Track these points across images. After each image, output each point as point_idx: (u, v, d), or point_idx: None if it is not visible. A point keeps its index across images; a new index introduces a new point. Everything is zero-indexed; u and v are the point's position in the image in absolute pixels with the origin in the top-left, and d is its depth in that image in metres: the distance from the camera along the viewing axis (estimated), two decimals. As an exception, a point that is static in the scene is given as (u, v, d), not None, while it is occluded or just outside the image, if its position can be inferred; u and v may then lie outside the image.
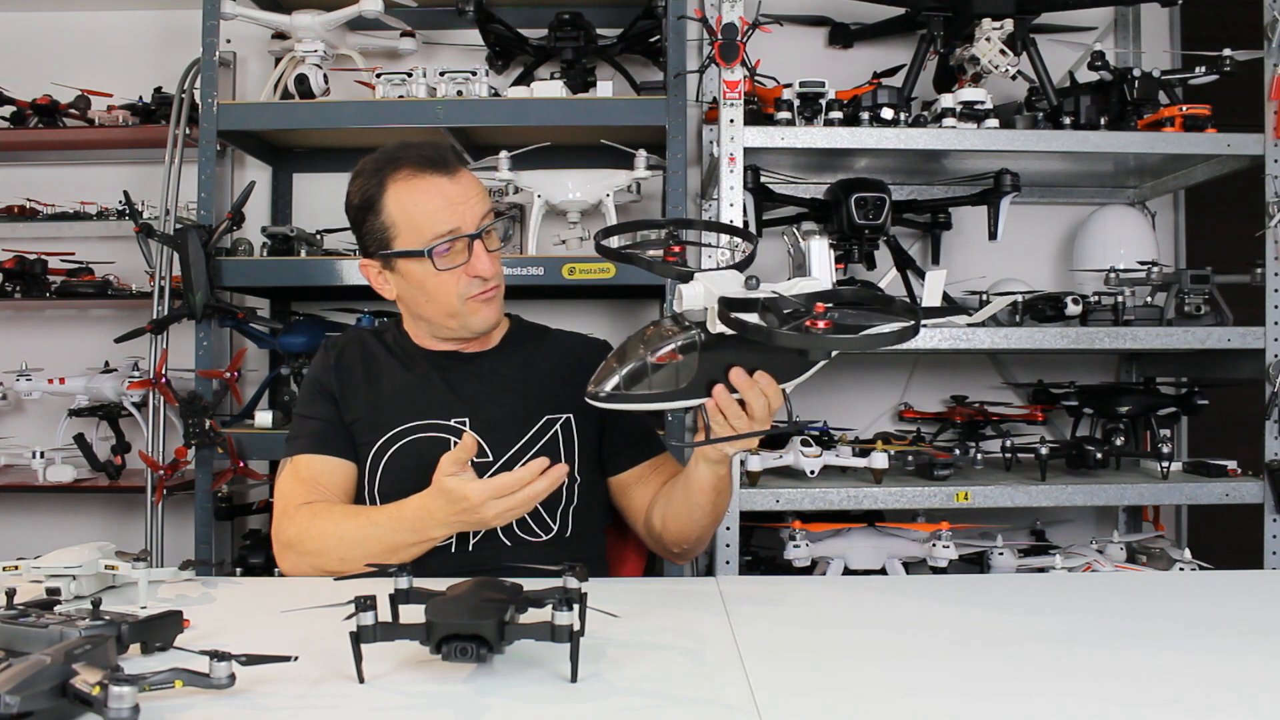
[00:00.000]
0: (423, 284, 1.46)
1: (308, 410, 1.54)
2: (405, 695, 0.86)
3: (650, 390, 1.15)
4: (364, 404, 1.52)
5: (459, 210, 1.43)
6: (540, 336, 1.66)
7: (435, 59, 2.85)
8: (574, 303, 2.82)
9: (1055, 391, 2.63)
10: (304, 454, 1.50)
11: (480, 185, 1.50)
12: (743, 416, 1.19)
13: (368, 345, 1.58)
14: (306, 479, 1.48)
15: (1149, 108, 2.33)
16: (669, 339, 1.14)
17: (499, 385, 1.54)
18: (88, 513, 2.89)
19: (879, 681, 0.91)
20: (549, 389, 1.54)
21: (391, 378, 1.54)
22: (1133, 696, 0.87)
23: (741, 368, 1.16)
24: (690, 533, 1.47)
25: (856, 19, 2.79)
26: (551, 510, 1.49)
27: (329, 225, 2.61)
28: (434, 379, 1.53)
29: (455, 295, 1.46)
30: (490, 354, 1.58)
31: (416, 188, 1.44)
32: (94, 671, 0.73)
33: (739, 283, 1.14)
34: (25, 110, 2.72)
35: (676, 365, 1.14)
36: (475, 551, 1.44)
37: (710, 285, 1.13)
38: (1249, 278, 2.30)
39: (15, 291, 2.71)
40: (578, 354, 1.61)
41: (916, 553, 2.24)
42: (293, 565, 1.42)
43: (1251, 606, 1.22)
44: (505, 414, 1.50)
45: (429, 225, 1.43)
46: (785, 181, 2.53)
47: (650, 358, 1.14)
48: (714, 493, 1.40)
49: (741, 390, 1.17)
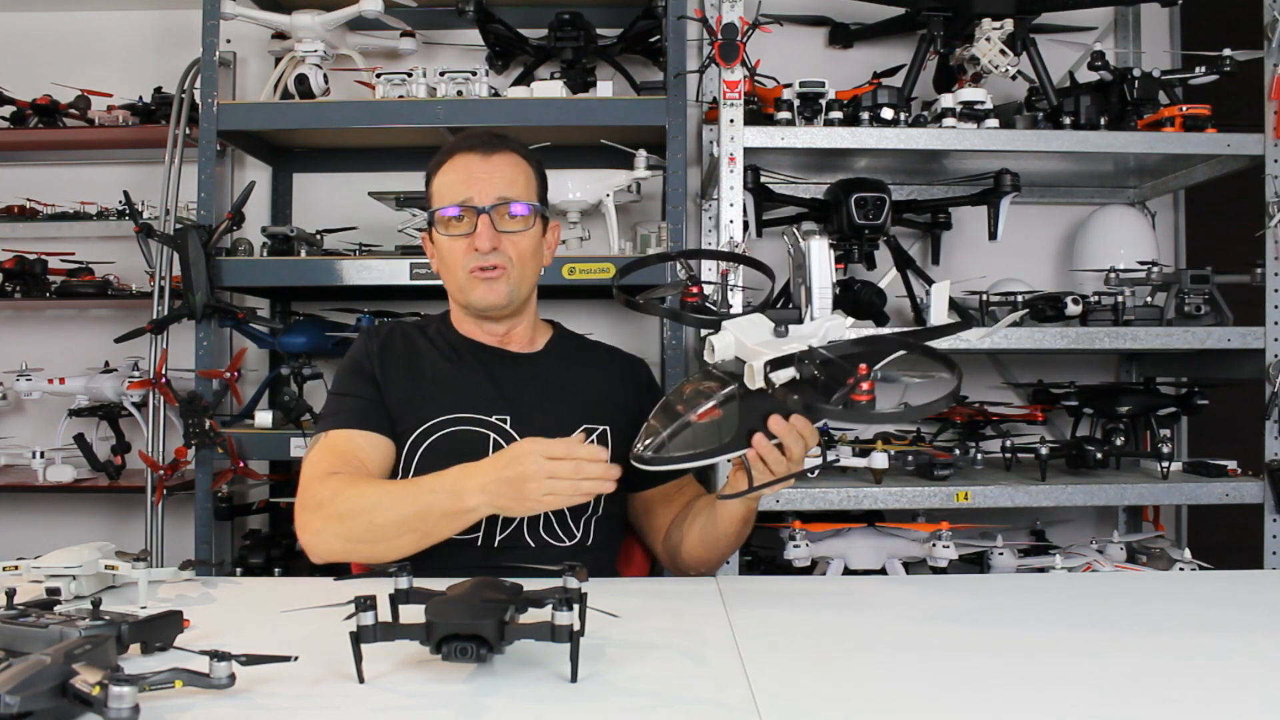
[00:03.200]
0: (441, 251, 1.53)
1: (348, 389, 1.52)
2: (405, 695, 0.86)
3: (696, 450, 1.18)
4: (405, 390, 1.51)
5: (477, 184, 1.49)
6: (583, 347, 1.70)
7: (435, 59, 2.85)
8: (574, 303, 2.81)
9: (1055, 391, 2.63)
10: (341, 429, 1.46)
11: (519, 172, 1.53)
12: (782, 460, 1.22)
13: (410, 336, 1.59)
14: (343, 452, 1.43)
15: (1149, 108, 2.34)
16: (708, 396, 1.17)
17: (541, 387, 1.54)
18: (88, 513, 2.89)
19: (879, 681, 0.92)
20: (589, 399, 1.56)
21: (435, 367, 1.54)
22: (1133, 696, 0.87)
23: (778, 414, 1.19)
24: (713, 558, 1.49)
25: (856, 19, 2.79)
26: (577, 517, 1.49)
27: (329, 225, 2.61)
28: (478, 373, 1.54)
29: (460, 265, 1.51)
30: (534, 357, 1.60)
31: (454, 163, 1.53)
32: (94, 671, 0.73)
33: (768, 329, 1.17)
34: (25, 110, 2.72)
35: (718, 421, 1.17)
36: (500, 550, 1.43)
37: (740, 335, 1.16)
38: (1249, 278, 2.30)
39: (15, 291, 2.71)
40: (619, 368, 1.66)
41: (916, 553, 2.24)
42: (318, 530, 1.35)
43: (1251, 606, 1.22)
44: (545, 417, 1.50)
45: (447, 194, 1.51)
46: (785, 181, 2.53)
47: (692, 417, 1.17)
48: (742, 524, 1.42)
49: (781, 436, 1.20)
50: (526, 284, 1.54)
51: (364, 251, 2.60)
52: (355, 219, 2.66)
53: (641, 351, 2.77)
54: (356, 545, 1.34)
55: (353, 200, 2.70)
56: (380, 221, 2.66)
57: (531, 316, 1.61)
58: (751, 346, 1.15)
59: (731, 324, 1.18)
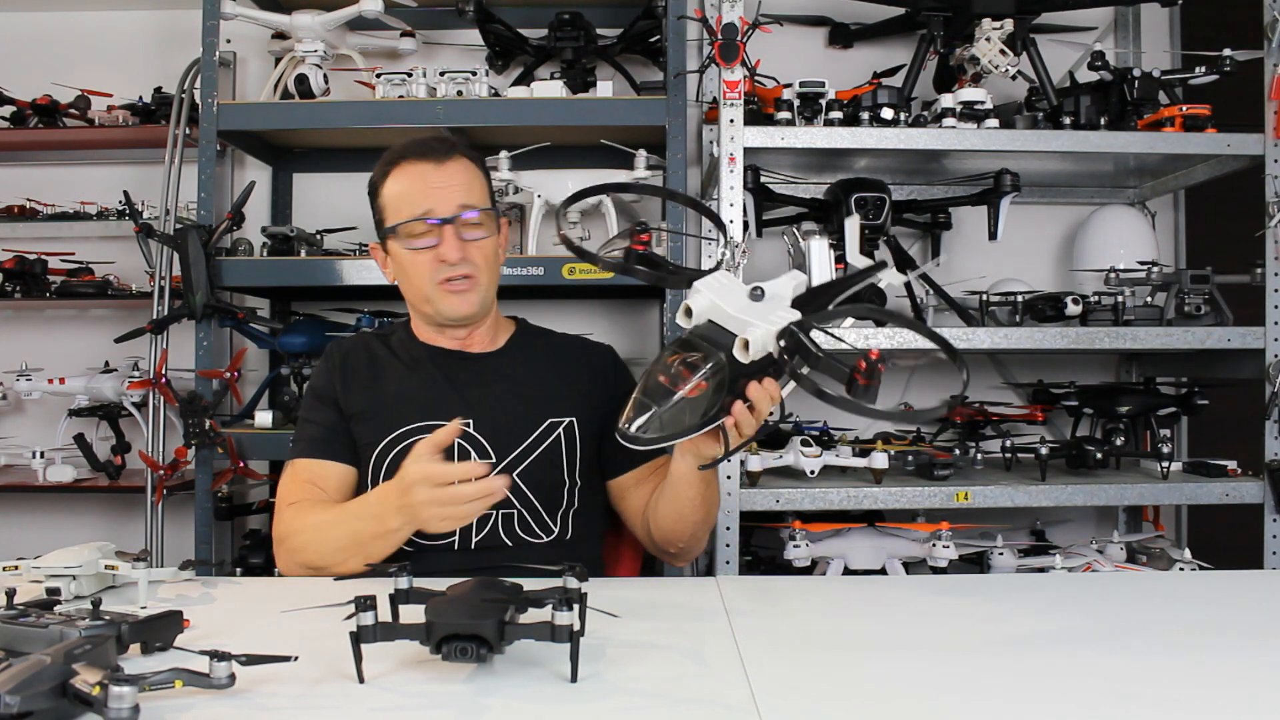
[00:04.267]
0: (402, 264, 1.53)
1: (309, 414, 1.57)
2: (405, 695, 0.86)
3: (685, 425, 1.15)
4: (368, 404, 1.53)
5: (435, 194, 1.49)
6: (545, 339, 1.68)
7: (435, 59, 2.85)
8: (574, 303, 2.82)
9: (1055, 391, 2.63)
10: (303, 458, 1.53)
11: (473, 177, 1.53)
12: (753, 422, 1.21)
13: (372, 348, 1.60)
14: (304, 481, 1.51)
15: (1149, 108, 2.33)
16: (695, 369, 1.14)
17: (503, 387, 1.54)
18: (88, 513, 2.89)
19: (879, 681, 0.91)
20: (553, 392, 1.55)
21: (396, 379, 1.55)
22: (1132, 697, 0.87)
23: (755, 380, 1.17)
24: (683, 530, 1.47)
25: (856, 19, 2.79)
26: (553, 513, 1.50)
27: (329, 225, 2.61)
28: (438, 381, 1.54)
29: (426, 278, 1.50)
30: (495, 355, 1.60)
31: (405, 173, 1.52)
32: (94, 671, 0.73)
33: (742, 292, 1.15)
34: (25, 110, 2.72)
35: (705, 395, 1.15)
36: (477, 552, 1.45)
37: (716, 298, 1.14)
38: (1249, 278, 2.30)
39: (15, 291, 2.71)
40: (582, 357, 1.65)
41: (916, 553, 2.24)
42: (284, 562, 1.45)
43: (1251, 606, 1.22)
44: (509, 417, 1.51)
45: (405, 206, 1.50)
46: (785, 181, 2.53)
47: (683, 391, 1.13)
48: (701, 484, 1.39)
49: (757, 401, 1.18)
50: (493, 288, 1.56)
51: (364, 251, 2.59)
52: (355, 219, 2.65)
53: (642, 349, 2.80)
54: (316, 570, 1.39)
55: (353, 200, 2.68)
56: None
57: (494, 316, 1.62)
58: (734, 314, 1.12)
59: (702, 284, 1.15)
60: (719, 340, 1.14)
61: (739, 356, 1.12)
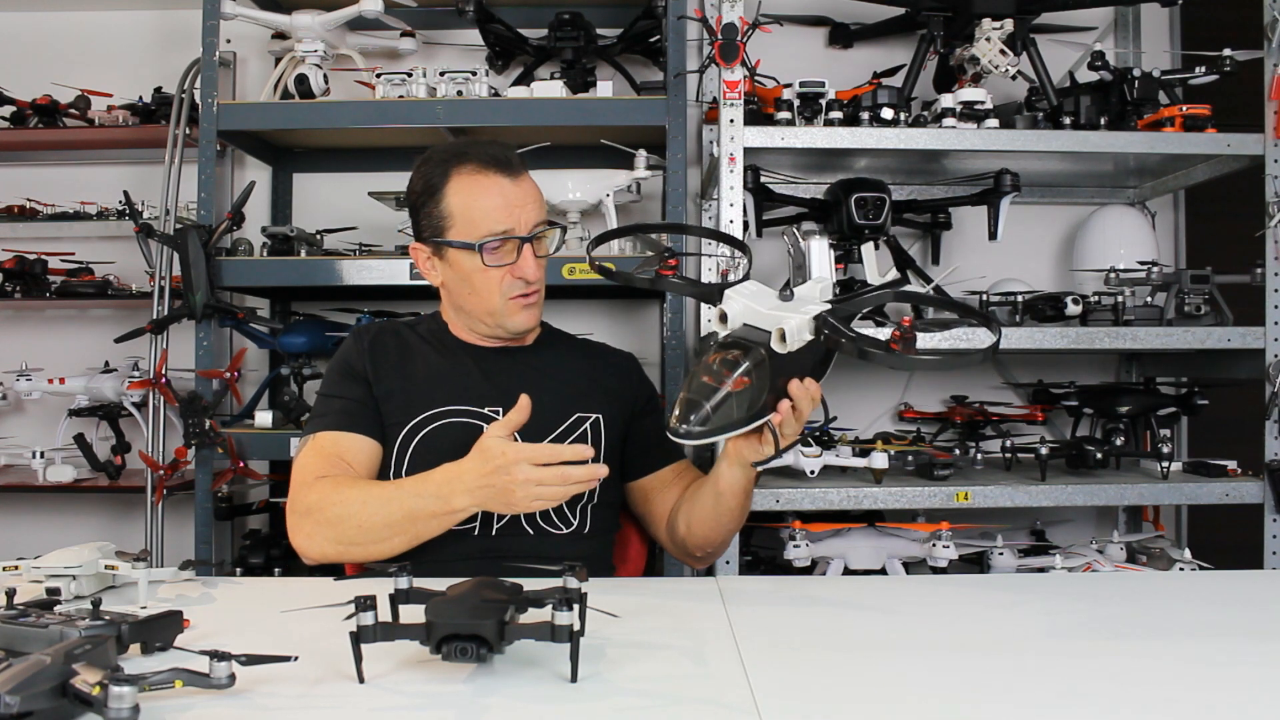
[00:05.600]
0: (469, 277, 1.50)
1: (335, 390, 1.53)
2: (405, 695, 0.86)
3: (732, 419, 1.19)
4: (397, 384, 1.52)
5: (515, 212, 1.48)
6: (571, 340, 1.71)
7: (435, 59, 2.85)
8: (574, 302, 2.82)
9: (1055, 391, 2.63)
10: (329, 431, 1.48)
11: (539, 192, 1.54)
12: (795, 422, 1.25)
13: (401, 333, 1.60)
14: (330, 454, 1.45)
15: (1149, 108, 2.33)
16: (736, 365, 1.18)
17: (534, 378, 1.55)
18: (88, 513, 2.89)
19: (879, 681, 0.91)
20: (581, 388, 1.57)
21: (426, 362, 1.55)
22: (1132, 697, 0.87)
23: (796, 378, 1.22)
24: (718, 536, 1.50)
25: (856, 19, 2.79)
26: (574, 505, 1.50)
27: (329, 225, 2.61)
28: (469, 366, 1.55)
29: (498, 293, 1.50)
30: (525, 350, 1.61)
31: (479, 183, 1.49)
32: (94, 671, 0.73)
33: (771, 295, 1.21)
34: (25, 110, 2.72)
35: (750, 388, 1.18)
36: (498, 537, 1.44)
37: (749, 302, 1.20)
38: (1249, 278, 2.30)
39: (15, 291, 2.71)
40: (607, 359, 1.68)
41: (916, 553, 2.24)
42: (309, 534, 1.37)
43: (1251, 606, 1.22)
44: (539, 406, 1.49)
45: (484, 221, 1.47)
46: (785, 181, 2.53)
47: (729, 386, 1.17)
48: (744, 495, 1.43)
49: (798, 399, 1.22)
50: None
51: (364, 251, 2.60)
52: (355, 219, 2.66)
53: (642, 349, 2.79)
54: (347, 548, 1.35)
55: (353, 200, 2.70)
56: (380, 221, 2.66)
57: None
58: (767, 312, 1.17)
59: (734, 292, 1.21)
60: (756, 338, 1.19)
61: (776, 348, 1.17)
